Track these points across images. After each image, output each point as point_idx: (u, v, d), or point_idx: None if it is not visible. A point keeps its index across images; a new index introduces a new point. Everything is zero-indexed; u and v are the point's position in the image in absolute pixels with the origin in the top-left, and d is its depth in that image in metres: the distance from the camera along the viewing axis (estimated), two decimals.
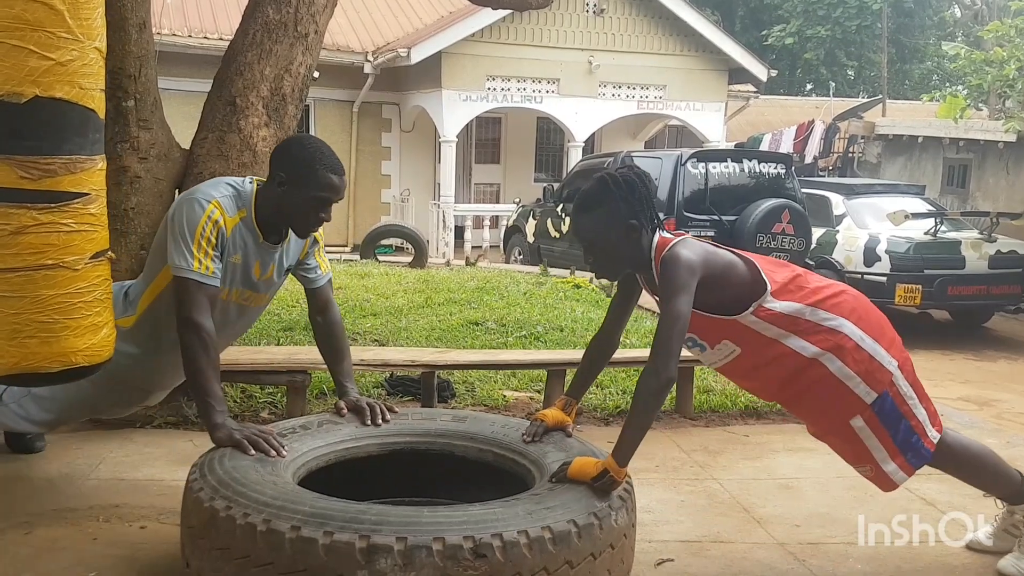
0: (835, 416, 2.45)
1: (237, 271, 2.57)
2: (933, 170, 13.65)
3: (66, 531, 2.58)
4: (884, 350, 2.40)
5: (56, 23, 2.18)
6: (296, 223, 2.56)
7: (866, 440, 2.42)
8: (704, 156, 8.59)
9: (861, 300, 2.49)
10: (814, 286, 2.42)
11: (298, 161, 2.46)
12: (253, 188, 2.55)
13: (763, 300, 2.34)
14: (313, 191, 2.46)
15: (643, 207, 2.32)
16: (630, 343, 5.54)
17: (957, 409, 5.40)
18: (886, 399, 2.39)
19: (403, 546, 1.79)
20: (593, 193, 2.34)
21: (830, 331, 2.36)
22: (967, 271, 8.52)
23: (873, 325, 2.43)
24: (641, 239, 2.32)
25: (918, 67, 27.53)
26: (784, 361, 2.39)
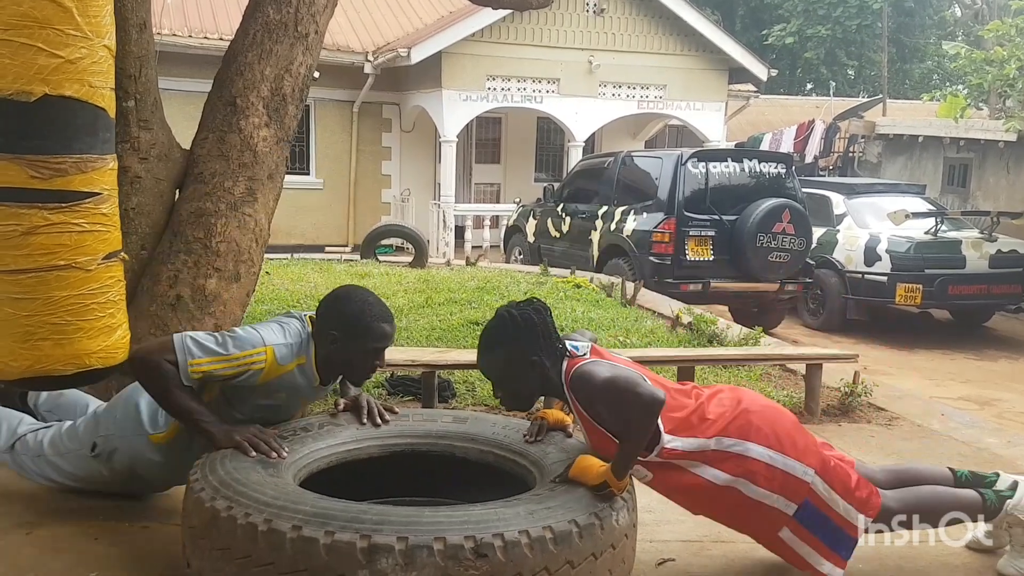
0: (763, 531, 2.48)
1: (274, 406, 2.53)
2: (933, 169, 13.65)
3: (68, 531, 2.58)
4: (796, 461, 2.41)
5: (65, 20, 2.16)
6: (353, 375, 2.58)
7: (798, 549, 2.45)
8: (704, 156, 8.58)
9: (765, 413, 2.47)
10: (714, 415, 2.42)
11: (348, 317, 2.45)
12: (309, 330, 2.50)
13: (661, 443, 2.35)
14: (369, 344, 2.46)
15: (544, 342, 2.36)
16: (631, 343, 5.54)
17: (958, 409, 5.41)
18: (807, 507, 2.41)
19: (404, 546, 1.79)
20: (493, 334, 2.41)
21: (738, 457, 2.38)
22: (968, 270, 8.53)
23: (782, 438, 2.42)
24: (547, 372, 2.37)
25: (918, 66, 27.52)
26: (698, 490, 2.42)
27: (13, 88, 2.13)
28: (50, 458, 2.70)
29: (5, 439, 2.78)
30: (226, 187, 3.48)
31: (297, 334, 2.48)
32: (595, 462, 2.16)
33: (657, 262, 8.17)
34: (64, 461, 2.68)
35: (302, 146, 13.77)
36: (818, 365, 4.61)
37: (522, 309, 2.40)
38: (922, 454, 4.01)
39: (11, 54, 2.12)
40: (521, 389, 2.41)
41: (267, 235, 3.65)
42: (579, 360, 2.36)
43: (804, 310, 9.39)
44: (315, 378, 2.52)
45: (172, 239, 3.42)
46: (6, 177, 2.17)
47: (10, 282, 2.22)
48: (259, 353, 2.38)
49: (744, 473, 2.38)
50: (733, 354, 4.96)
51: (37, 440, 2.73)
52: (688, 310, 6.48)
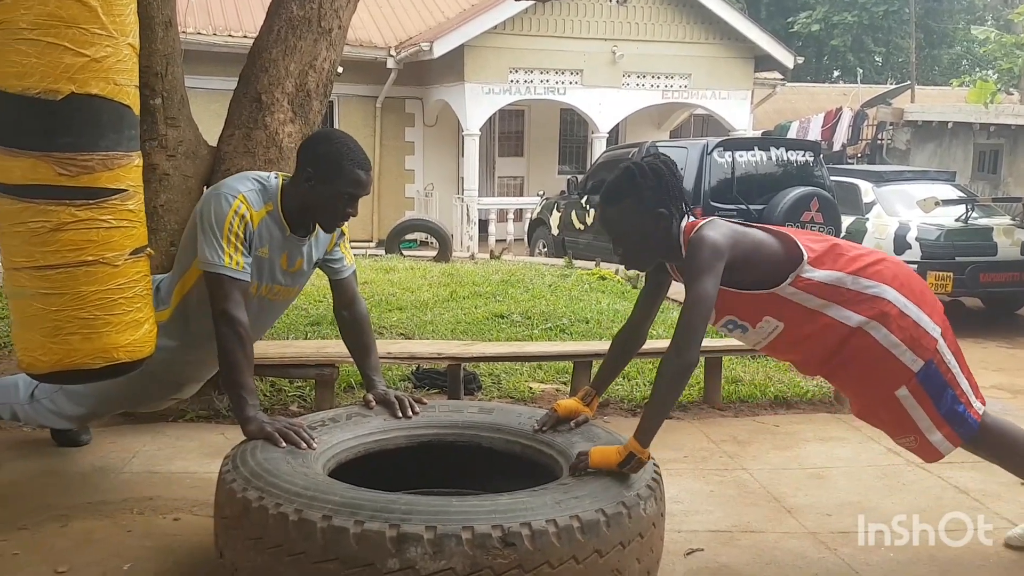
0: (880, 386, 2.40)
1: (264, 264, 2.59)
2: (963, 156, 13.45)
3: (101, 524, 2.63)
4: (927, 316, 2.36)
5: (90, 19, 2.19)
6: (323, 218, 2.57)
7: (911, 410, 2.38)
8: (731, 145, 8.51)
9: (902, 267, 2.44)
10: (854, 254, 2.38)
11: (325, 157, 2.47)
12: (279, 182, 2.56)
13: (800, 270, 2.31)
14: (340, 187, 2.47)
15: (671, 194, 2.29)
16: (657, 334, 5.52)
17: (991, 397, 5.31)
18: (931, 367, 2.34)
19: (433, 535, 1.80)
20: (619, 184, 2.32)
21: (873, 298, 2.32)
22: (999, 258, 8.39)
23: (915, 291, 2.38)
24: (671, 226, 2.30)
25: (947, 52, 27.12)
26: (828, 332, 2.35)
27: (40, 87, 2.16)
28: (67, 389, 2.77)
29: (24, 390, 2.86)
30: None
31: (256, 180, 2.54)
32: (612, 447, 2.15)
33: None
34: (80, 386, 2.73)
35: None
36: None
37: (650, 161, 2.32)
38: None
39: (38, 53, 2.15)
40: (644, 242, 2.32)
41: None
42: (699, 222, 2.29)
43: None
44: (284, 226, 2.55)
45: None
46: (34, 174, 2.21)
47: (39, 278, 2.27)
48: (239, 204, 2.45)
49: (877, 315, 2.31)
50: None
51: None
52: None
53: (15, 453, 3.14)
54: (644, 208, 2.28)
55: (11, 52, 2.17)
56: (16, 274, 2.31)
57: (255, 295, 2.62)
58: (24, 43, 2.16)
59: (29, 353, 2.35)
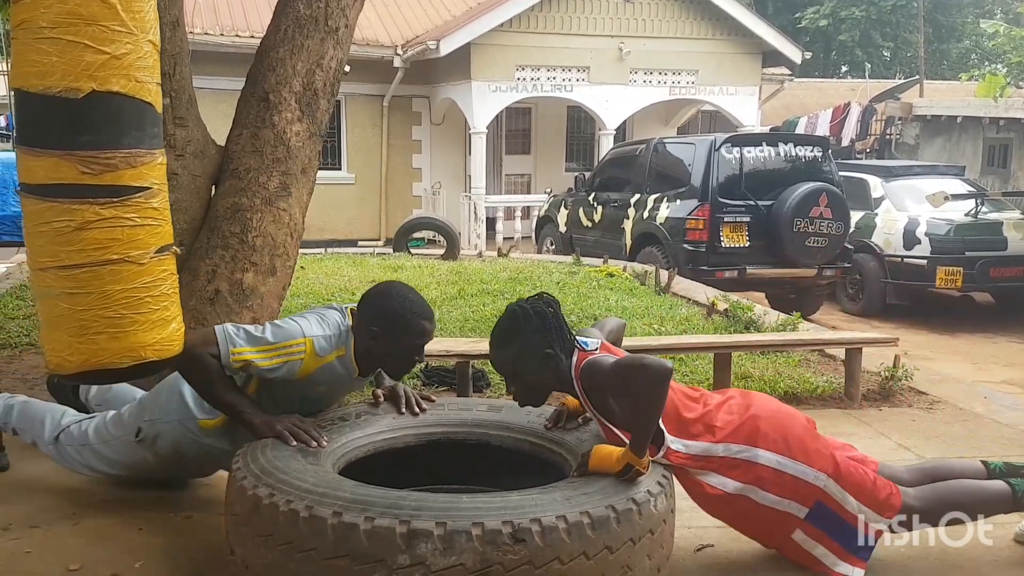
0: (775, 534, 2.46)
1: (314, 397, 2.56)
2: (973, 150, 13.38)
3: (113, 521, 2.64)
4: (806, 466, 2.38)
5: (109, 17, 2.19)
6: (393, 370, 2.61)
7: (812, 550, 2.43)
8: (738, 141, 8.49)
9: (775, 419, 2.44)
10: (722, 421, 2.39)
11: (390, 314, 2.47)
12: (349, 323, 2.51)
13: (666, 443, 2.33)
14: (409, 340, 2.48)
15: (556, 335, 2.35)
16: (666, 331, 5.52)
17: (1002, 392, 5.30)
18: (820, 508, 2.39)
19: (443, 531, 1.80)
20: (505, 329, 2.39)
21: (746, 463, 2.36)
22: (1009, 252, 8.36)
23: (791, 443, 2.39)
24: (560, 365, 2.35)
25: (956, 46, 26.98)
26: (707, 496, 2.40)
27: (61, 85, 2.16)
28: (95, 446, 2.76)
29: (50, 431, 2.84)
30: (260, 182, 3.52)
31: (336, 326, 2.49)
32: (613, 450, 2.15)
33: (691, 249, 8.11)
34: (108, 448, 2.74)
35: (334, 141, 13.87)
36: (858, 349, 4.55)
37: (533, 303, 2.40)
38: (965, 438, 3.95)
39: (58, 52, 2.15)
40: (534, 384, 2.39)
41: (301, 229, 3.68)
42: (589, 354, 2.36)
43: (843, 295, 9.27)
44: (354, 370, 2.53)
45: (209, 234, 3.47)
46: (57, 173, 2.20)
47: (64, 277, 2.26)
48: (298, 344, 2.40)
49: (753, 480, 2.36)
50: (771, 340, 4.91)
51: (82, 430, 2.79)
52: (724, 297, 6.43)
53: (27, 452, 3.16)
54: (531, 352, 2.34)
55: (32, 52, 2.17)
56: (42, 274, 2.30)
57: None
58: (45, 42, 2.15)
59: (57, 353, 2.34)
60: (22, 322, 5.15)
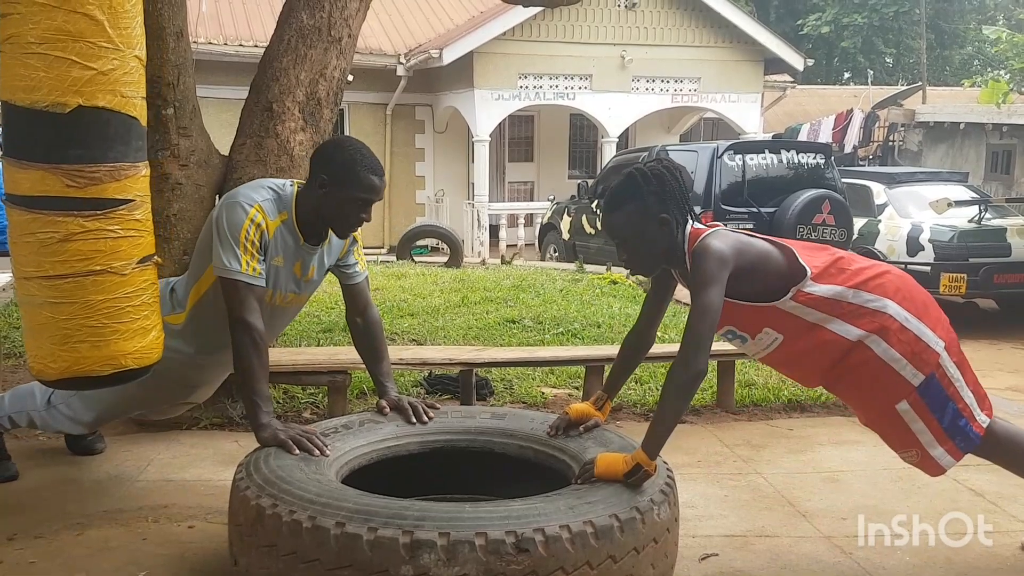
0: (880, 400, 2.39)
1: (280, 272, 2.59)
2: (976, 157, 13.38)
3: (117, 531, 2.64)
4: (930, 330, 2.34)
5: (97, 33, 2.22)
6: (337, 224, 2.58)
7: (911, 424, 2.36)
8: (741, 148, 8.49)
9: (906, 280, 2.43)
10: (856, 267, 2.37)
11: (338, 163, 2.48)
12: (294, 191, 2.57)
13: (802, 285, 2.29)
14: (354, 192, 2.48)
15: (675, 200, 2.28)
16: (669, 338, 5.51)
17: (1006, 399, 5.28)
18: (932, 381, 2.32)
19: (446, 541, 1.80)
20: (623, 189, 2.31)
21: (874, 312, 2.31)
22: (1013, 258, 8.34)
23: (918, 305, 2.37)
24: (674, 232, 2.29)
25: (958, 52, 26.99)
26: (828, 346, 2.34)
27: (49, 100, 2.19)
28: (82, 392, 2.78)
29: (41, 397, 2.89)
30: None
31: (271, 189, 2.54)
32: (619, 456, 2.14)
33: None
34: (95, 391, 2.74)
35: None
36: None
37: (653, 166, 2.31)
38: None
39: (46, 67, 2.19)
40: (648, 248, 2.31)
41: None
42: (704, 231, 2.28)
43: None
44: (299, 236, 2.56)
45: None
46: (43, 186, 2.25)
47: (48, 287, 2.30)
48: (255, 213, 2.45)
49: (877, 329, 2.29)
50: None
51: None
52: None
53: (31, 462, 3.17)
54: (647, 214, 2.27)
55: (20, 66, 2.20)
56: (26, 283, 2.34)
57: (268, 303, 2.63)
58: (33, 57, 2.19)
59: (39, 360, 2.38)
60: None
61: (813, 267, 2.33)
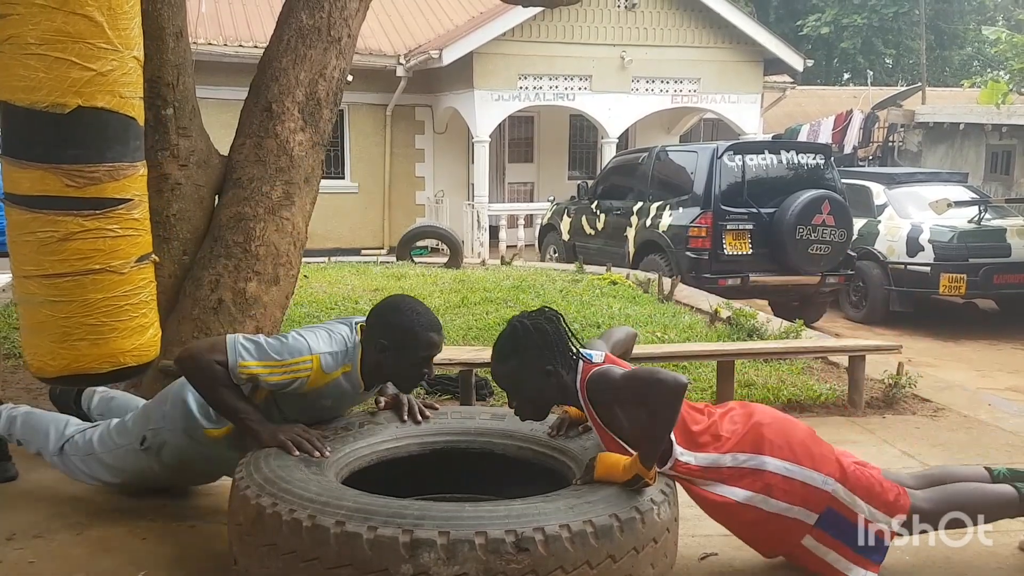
0: (785, 542, 2.44)
1: (320, 410, 2.56)
2: (976, 157, 13.39)
3: (116, 531, 2.64)
4: (814, 471, 2.38)
5: (96, 34, 2.23)
6: (402, 383, 2.60)
7: (824, 556, 2.41)
8: (741, 148, 8.48)
9: (780, 425, 2.45)
10: (728, 431, 2.40)
11: (398, 328, 2.46)
12: (357, 339, 2.51)
13: (675, 455, 2.33)
14: (418, 354, 2.48)
15: (556, 350, 2.35)
16: (669, 339, 5.51)
17: (1006, 399, 5.29)
18: (829, 514, 2.38)
19: (446, 540, 1.80)
20: (506, 344, 2.39)
21: (754, 472, 2.36)
22: (1013, 259, 8.35)
23: (796, 449, 2.40)
24: (561, 379, 2.35)
25: (958, 53, 26.99)
26: (716, 506, 2.39)
27: (48, 101, 2.21)
28: (99, 455, 2.76)
29: (55, 442, 2.84)
30: (264, 192, 3.53)
31: (343, 342, 2.48)
32: (619, 458, 2.15)
33: (694, 257, 8.10)
34: (113, 457, 2.74)
35: (337, 150, 13.90)
36: (861, 357, 4.55)
37: (534, 319, 2.40)
38: (969, 445, 3.94)
39: (46, 68, 2.20)
40: (536, 399, 2.39)
41: (305, 238, 3.69)
42: (595, 366, 2.35)
43: (846, 303, 9.25)
44: (360, 385, 2.53)
45: (213, 244, 3.48)
46: (43, 186, 2.26)
47: (48, 286, 2.31)
48: (306, 361, 2.39)
49: (762, 488, 2.35)
50: (774, 347, 4.91)
51: (86, 439, 2.79)
52: (727, 305, 6.43)
53: (30, 462, 3.16)
54: (531, 367, 2.34)
55: (19, 67, 2.21)
56: (26, 282, 2.35)
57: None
58: (32, 58, 2.20)
59: (38, 358, 2.39)
60: None
61: (686, 433, 2.37)
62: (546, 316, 2.41)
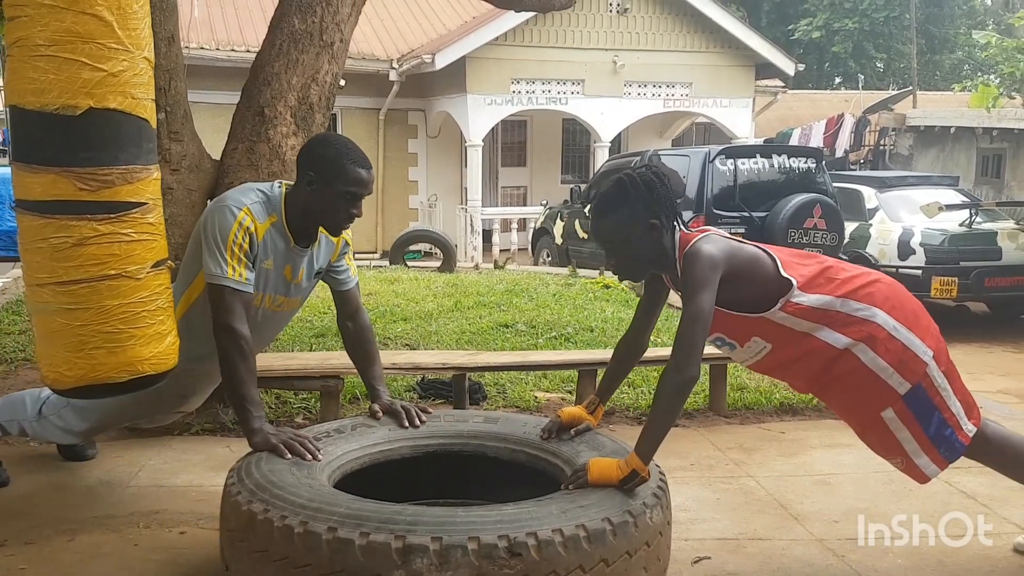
0: (866, 407, 2.40)
1: (269, 276, 2.59)
2: (966, 161, 13.45)
3: (108, 537, 2.63)
4: (918, 339, 2.34)
5: (106, 34, 2.20)
6: (327, 221, 2.56)
7: (897, 432, 2.36)
8: (733, 152, 8.51)
9: (895, 288, 2.43)
10: (844, 276, 2.37)
11: (325, 159, 2.47)
12: (282, 192, 2.56)
13: (791, 295, 2.30)
14: (343, 186, 2.46)
15: (663, 206, 2.29)
16: (662, 342, 5.51)
17: (998, 402, 5.31)
18: (919, 390, 2.33)
19: (439, 546, 1.80)
20: (611, 195, 2.32)
21: (862, 321, 2.32)
22: (1004, 262, 8.38)
23: (907, 313, 2.37)
24: (663, 238, 2.30)
25: (948, 57, 27.14)
26: (816, 354, 2.35)
27: (59, 103, 2.17)
28: (75, 404, 2.76)
29: (32, 407, 2.86)
30: None
31: (259, 192, 2.53)
32: (612, 461, 2.14)
33: None
34: (86, 401, 2.71)
35: None
36: None
37: (642, 172, 2.32)
38: None
39: (55, 69, 2.16)
40: (637, 254, 2.32)
41: None
42: (694, 236, 2.29)
43: None
44: (289, 237, 2.54)
45: None
46: (55, 190, 2.22)
47: (62, 293, 2.26)
48: (243, 217, 2.44)
49: (865, 337, 2.30)
50: None
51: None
52: None
53: (22, 468, 3.15)
54: (636, 220, 2.28)
55: (28, 69, 2.18)
56: (39, 290, 2.30)
57: (259, 307, 2.62)
58: (42, 60, 2.16)
59: (54, 369, 2.34)
60: (18, 337, 5.14)
61: (800, 276, 2.33)
62: (654, 171, 2.33)
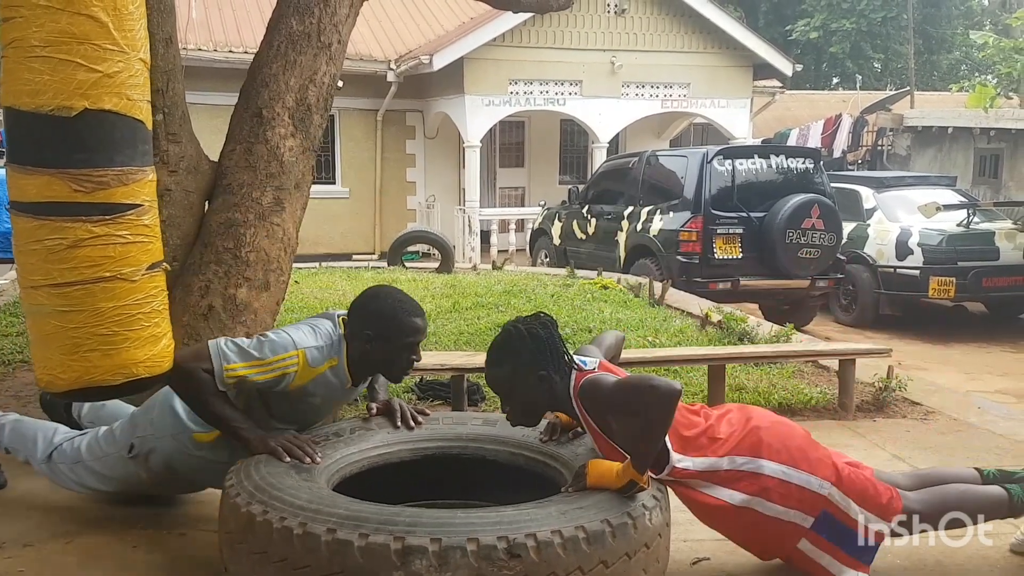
0: (782, 546, 2.45)
1: (311, 406, 2.57)
2: (964, 161, 13.47)
3: (107, 539, 2.63)
4: (810, 475, 2.38)
5: (102, 35, 2.19)
6: (390, 371, 2.61)
7: (818, 559, 2.42)
8: (731, 153, 8.51)
9: (777, 429, 2.46)
10: (725, 434, 2.41)
11: (382, 316, 2.49)
12: (341, 332, 2.53)
13: (672, 462, 2.34)
14: (403, 340, 2.49)
15: (550, 356, 2.36)
16: (660, 343, 5.52)
17: (995, 402, 5.32)
18: (825, 518, 2.39)
19: (438, 547, 1.80)
20: (500, 348, 2.40)
21: (750, 475, 2.37)
22: (1002, 262, 8.40)
23: (794, 453, 2.40)
24: (554, 386, 2.36)
25: (946, 57, 27.18)
26: (713, 510, 2.40)
27: (54, 104, 2.16)
28: (88, 463, 2.75)
29: (42, 450, 2.82)
30: (254, 197, 3.52)
31: (328, 335, 2.51)
32: (611, 464, 2.15)
33: (685, 261, 8.12)
34: (101, 465, 2.72)
35: (328, 156, 13.89)
36: (851, 360, 4.56)
37: (528, 324, 2.41)
38: (959, 448, 3.95)
39: (51, 70, 2.16)
40: (528, 404, 2.40)
41: (295, 244, 3.68)
42: (588, 373, 2.36)
43: (836, 306, 9.28)
44: (347, 379, 2.54)
45: (202, 250, 3.46)
46: (50, 191, 2.21)
47: (57, 295, 2.26)
48: (291, 357, 2.41)
49: (759, 491, 2.36)
50: (764, 351, 4.92)
51: (74, 447, 2.78)
52: (718, 309, 6.44)
53: (20, 470, 3.14)
54: (524, 371, 2.35)
55: (23, 70, 2.17)
56: (34, 292, 2.29)
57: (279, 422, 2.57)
58: (37, 61, 2.15)
59: (48, 371, 2.33)
60: (15, 339, 5.14)
61: (681, 440, 2.37)
62: (540, 322, 2.42)
